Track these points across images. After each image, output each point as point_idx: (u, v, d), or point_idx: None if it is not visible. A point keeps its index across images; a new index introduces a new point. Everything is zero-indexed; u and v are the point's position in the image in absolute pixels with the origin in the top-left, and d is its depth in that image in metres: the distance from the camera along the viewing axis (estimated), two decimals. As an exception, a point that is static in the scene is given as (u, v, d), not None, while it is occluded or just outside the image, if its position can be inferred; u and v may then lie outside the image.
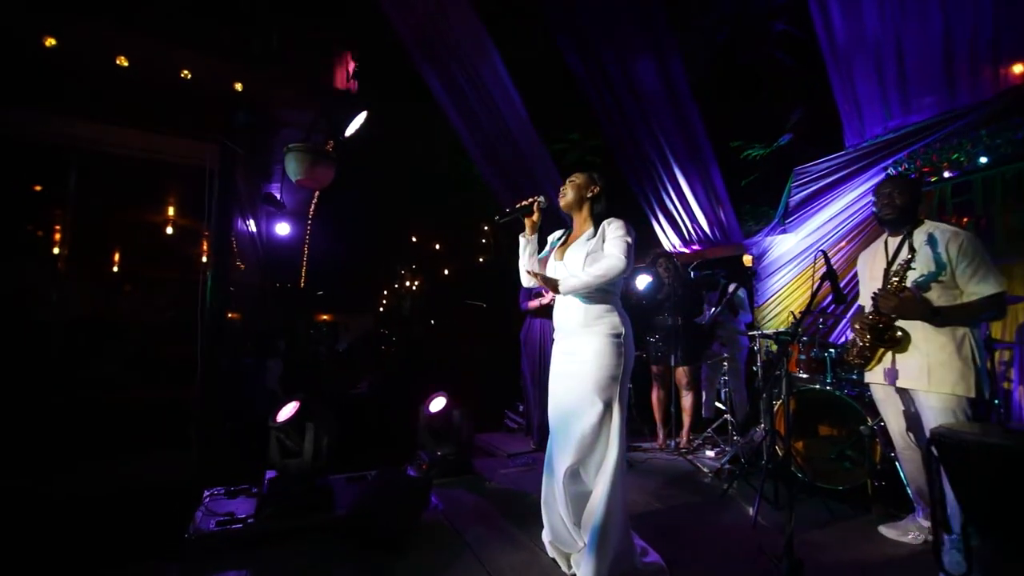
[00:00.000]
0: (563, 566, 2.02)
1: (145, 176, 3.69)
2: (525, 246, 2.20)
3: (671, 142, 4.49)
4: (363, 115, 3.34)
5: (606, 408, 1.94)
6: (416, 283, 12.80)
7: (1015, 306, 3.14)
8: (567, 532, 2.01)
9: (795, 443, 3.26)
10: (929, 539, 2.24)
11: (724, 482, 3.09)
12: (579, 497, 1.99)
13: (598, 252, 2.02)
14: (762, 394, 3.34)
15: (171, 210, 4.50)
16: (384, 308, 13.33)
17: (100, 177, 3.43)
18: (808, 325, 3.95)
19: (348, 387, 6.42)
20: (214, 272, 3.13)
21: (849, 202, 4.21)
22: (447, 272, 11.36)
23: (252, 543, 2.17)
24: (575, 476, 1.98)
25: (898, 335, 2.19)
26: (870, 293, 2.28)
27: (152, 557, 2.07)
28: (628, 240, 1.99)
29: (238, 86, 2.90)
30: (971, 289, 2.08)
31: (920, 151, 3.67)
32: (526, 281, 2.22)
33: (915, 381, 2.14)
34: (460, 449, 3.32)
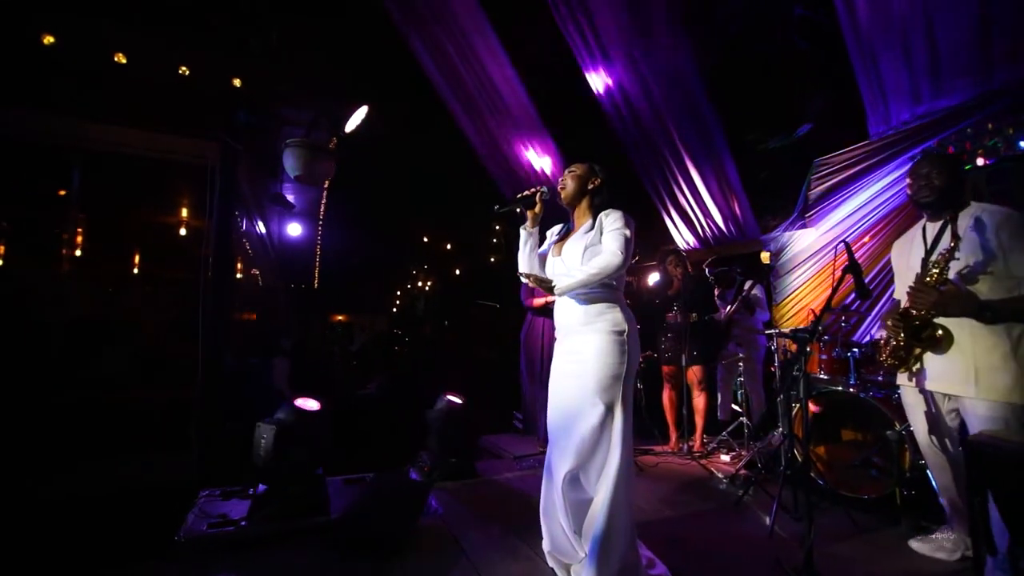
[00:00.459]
0: (563, 578, 1.91)
1: (149, 175, 3.70)
2: (526, 239, 2.10)
3: (683, 134, 4.33)
4: (364, 110, 3.29)
5: (608, 410, 1.83)
6: (429, 283, 12.80)
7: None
8: (567, 541, 1.89)
9: (816, 448, 3.08)
10: (966, 555, 2.06)
11: (739, 488, 2.94)
12: (579, 504, 1.88)
13: (596, 246, 1.91)
14: (779, 395, 3.17)
15: (176, 209, 4.52)
16: (397, 308, 13.36)
17: (104, 177, 3.45)
18: (831, 323, 3.77)
19: (357, 387, 6.39)
20: (214, 270, 3.11)
21: (874, 194, 3.99)
22: (458, 272, 11.32)
23: (243, 546, 2.11)
24: (575, 482, 1.87)
25: (938, 334, 1.94)
26: (906, 287, 2.06)
27: (142, 559, 2.02)
28: (626, 233, 1.88)
29: (236, 82, 2.87)
30: None
31: (952, 138, 3.44)
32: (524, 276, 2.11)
33: (960, 386, 1.90)
34: (463, 451, 3.24)
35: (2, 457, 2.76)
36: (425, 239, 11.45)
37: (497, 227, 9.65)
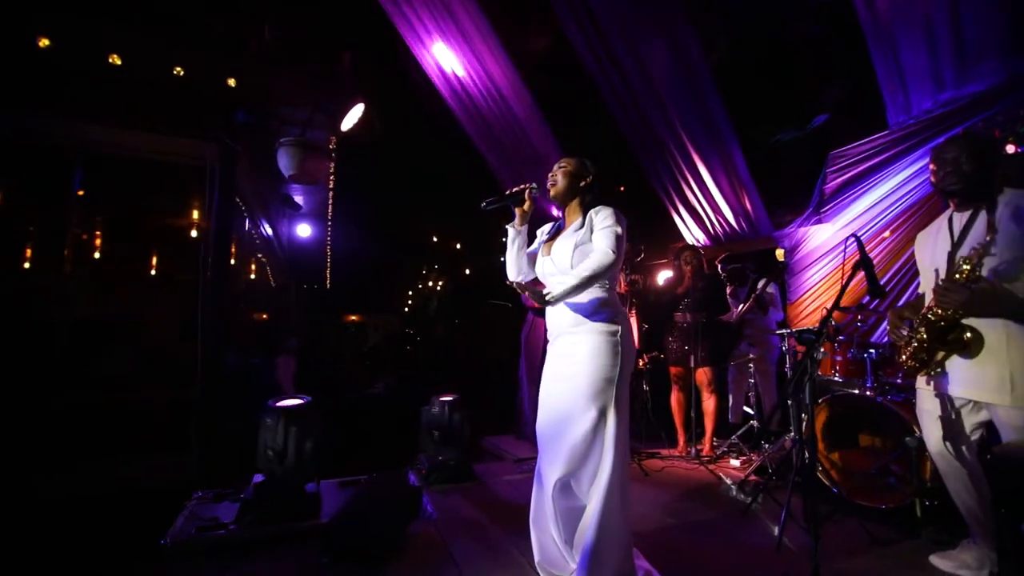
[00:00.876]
0: (552, 590, 1.83)
1: (152, 176, 3.73)
2: (515, 238, 2.01)
3: (688, 127, 4.18)
4: (360, 107, 3.26)
5: (600, 414, 1.74)
6: (440, 283, 12.81)
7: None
8: (558, 552, 1.82)
9: (831, 454, 2.93)
10: (993, 572, 1.91)
11: (748, 496, 2.80)
12: (570, 513, 1.80)
13: (587, 244, 1.82)
14: (788, 398, 3.02)
15: (186, 211, 4.57)
16: (409, 308, 13.40)
17: (106, 178, 3.49)
18: (847, 323, 3.59)
19: (364, 387, 6.40)
20: (213, 270, 3.11)
21: (894, 186, 3.78)
22: (468, 271, 11.29)
23: (229, 550, 2.09)
24: (565, 489, 1.79)
25: (966, 336, 1.76)
26: (930, 283, 1.91)
27: (126, 563, 2.01)
28: (617, 230, 1.79)
29: (231, 82, 2.86)
30: None
31: (979, 126, 3.23)
32: (512, 276, 2.00)
33: (993, 394, 1.73)
34: (462, 454, 3.17)
35: (7, 456, 2.80)
36: (435, 238, 11.45)
37: (506, 227, 9.59)
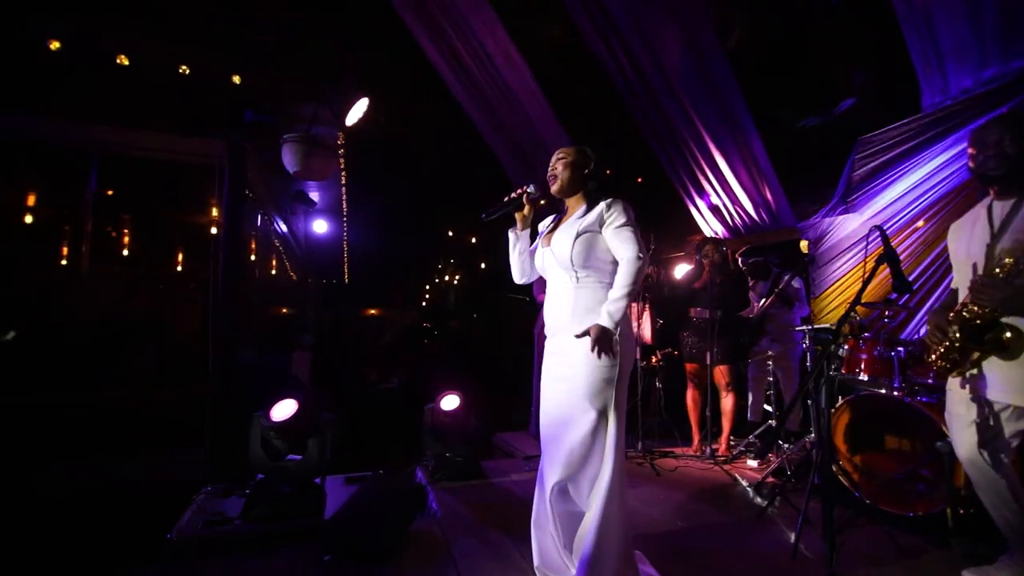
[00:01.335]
0: (552, 594, 1.78)
1: (171, 174, 3.78)
2: (515, 243, 1.96)
3: (702, 113, 4.00)
4: (364, 102, 3.23)
5: (600, 416, 1.67)
6: (457, 278, 12.85)
7: None
8: (558, 557, 1.76)
9: (855, 456, 2.78)
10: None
11: (765, 499, 2.69)
12: (569, 517, 1.74)
13: (593, 233, 1.74)
14: (807, 398, 2.88)
15: (202, 207, 4.65)
16: (427, 302, 13.49)
17: (122, 177, 3.57)
18: (874, 319, 3.40)
19: (380, 382, 6.45)
20: (224, 267, 3.14)
21: (928, 172, 3.54)
22: (483, 266, 11.27)
23: (234, 546, 2.11)
24: (563, 494, 1.74)
25: (1005, 336, 1.62)
26: (964, 277, 1.77)
27: (134, 557, 2.05)
28: (632, 228, 1.73)
29: (236, 79, 2.87)
30: None
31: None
32: (517, 279, 2.02)
33: None
34: (469, 451, 3.14)
35: (26, 452, 2.90)
36: (451, 233, 11.46)
37: (508, 232, 9.54)
